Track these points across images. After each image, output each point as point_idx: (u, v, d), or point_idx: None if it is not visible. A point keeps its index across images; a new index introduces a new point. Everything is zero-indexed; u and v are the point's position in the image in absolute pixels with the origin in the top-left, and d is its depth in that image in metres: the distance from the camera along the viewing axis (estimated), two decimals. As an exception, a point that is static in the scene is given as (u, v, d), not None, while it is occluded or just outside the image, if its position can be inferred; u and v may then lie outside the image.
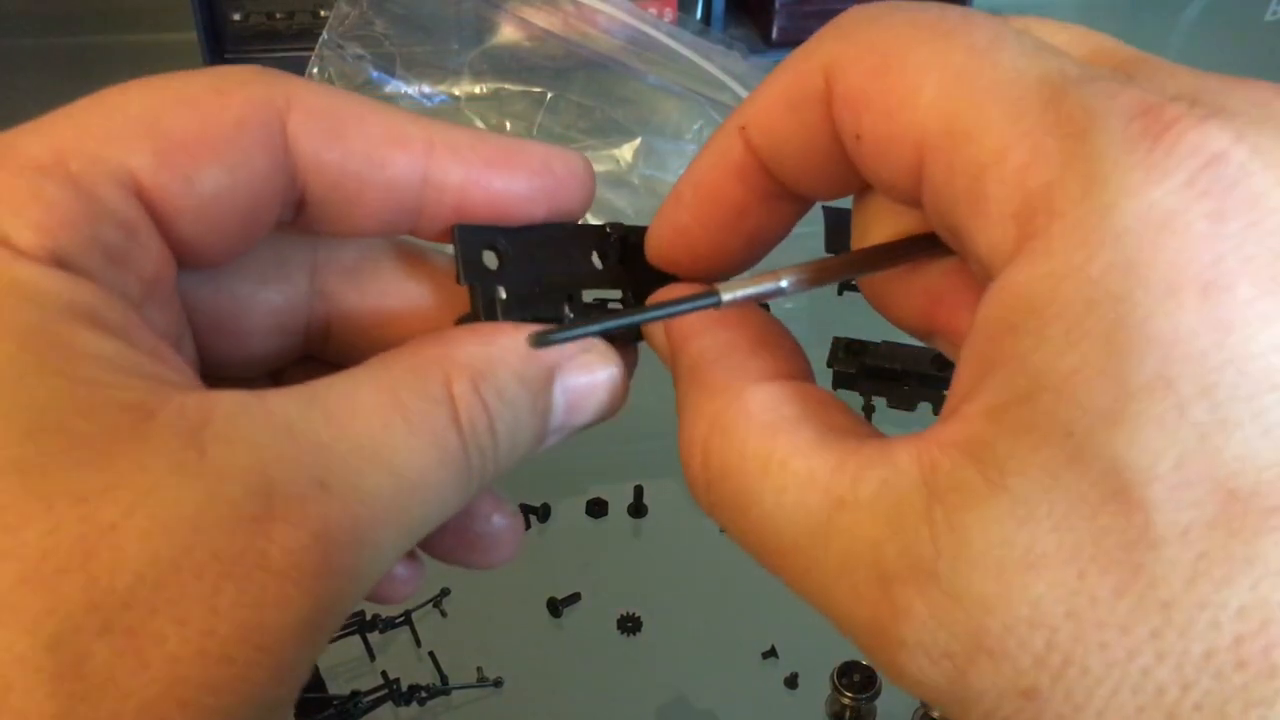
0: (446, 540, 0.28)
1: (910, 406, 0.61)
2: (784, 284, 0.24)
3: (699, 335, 0.25)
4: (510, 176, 0.26)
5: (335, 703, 0.44)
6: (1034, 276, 0.18)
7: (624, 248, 0.28)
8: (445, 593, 0.50)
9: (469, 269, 0.25)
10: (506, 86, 0.69)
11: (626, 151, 0.67)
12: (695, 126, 0.69)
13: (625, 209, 0.66)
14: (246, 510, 0.19)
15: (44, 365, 0.19)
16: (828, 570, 0.20)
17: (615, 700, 0.47)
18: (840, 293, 0.71)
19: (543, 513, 0.53)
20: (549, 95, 0.68)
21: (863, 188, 0.25)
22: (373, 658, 0.47)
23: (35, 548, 0.17)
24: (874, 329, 0.62)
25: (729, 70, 0.71)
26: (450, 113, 0.67)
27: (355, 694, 0.45)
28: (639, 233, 0.28)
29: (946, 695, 0.19)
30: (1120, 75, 0.20)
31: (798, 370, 0.24)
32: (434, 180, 0.25)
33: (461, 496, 0.23)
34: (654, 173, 0.67)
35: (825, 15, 0.23)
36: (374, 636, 0.47)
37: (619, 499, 0.54)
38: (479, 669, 0.47)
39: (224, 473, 0.19)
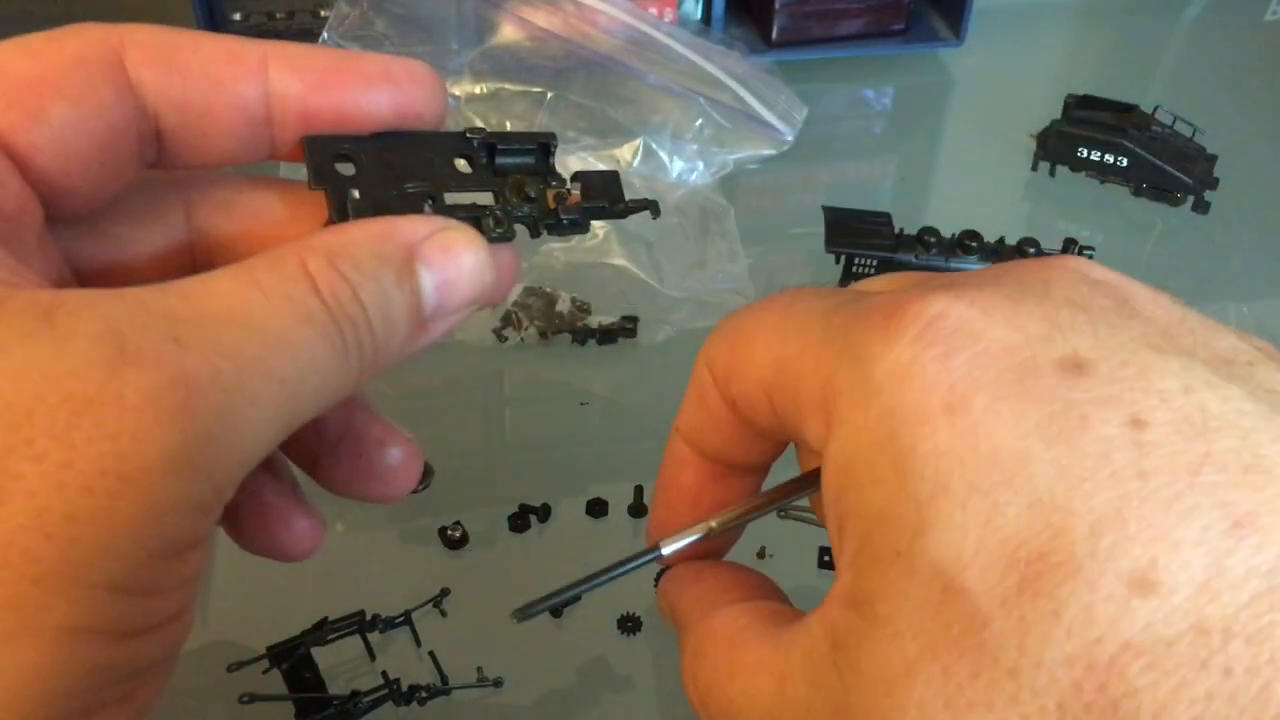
0: (341, 471, 0.29)
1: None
2: (713, 524, 0.31)
3: (682, 592, 0.31)
4: (350, 85, 0.27)
5: (335, 703, 0.44)
6: (839, 446, 0.23)
7: (491, 153, 0.29)
8: (445, 593, 0.50)
9: (319, 175, 0.26)
10: (506, 86, 0.69)
11: (626, 151, 0.67)
12: (695, 126, 0.69)
13: (625, 209, 0.66)
14: (97, 358, 0.20)
15: None
16: None
17: (615, 700, 0.47)
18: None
19: (543, 513, 0.53)
20: (549, 95, 0.68)
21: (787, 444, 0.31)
22: (373, 658, 0.47)
23: None
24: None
25: (729, 70, 0.70)
26: (449, 113, 0.67)
27: (355, 694, 0.45)
28: (506, 138, 0.29)
29: None
30: (888, 289, 0.25)
31: (754, 591, 0.30)
32: (276, 95, 0.26)
33: (342, 368, 0.24)
34: (654, 173, 0.67)
35: (825, 15, 0.24)
36: (374, 636, 0.47)
37: (619, 499, 0.54)
38: (479, 669, 0.47)
39: (74, 333, 0.20)
